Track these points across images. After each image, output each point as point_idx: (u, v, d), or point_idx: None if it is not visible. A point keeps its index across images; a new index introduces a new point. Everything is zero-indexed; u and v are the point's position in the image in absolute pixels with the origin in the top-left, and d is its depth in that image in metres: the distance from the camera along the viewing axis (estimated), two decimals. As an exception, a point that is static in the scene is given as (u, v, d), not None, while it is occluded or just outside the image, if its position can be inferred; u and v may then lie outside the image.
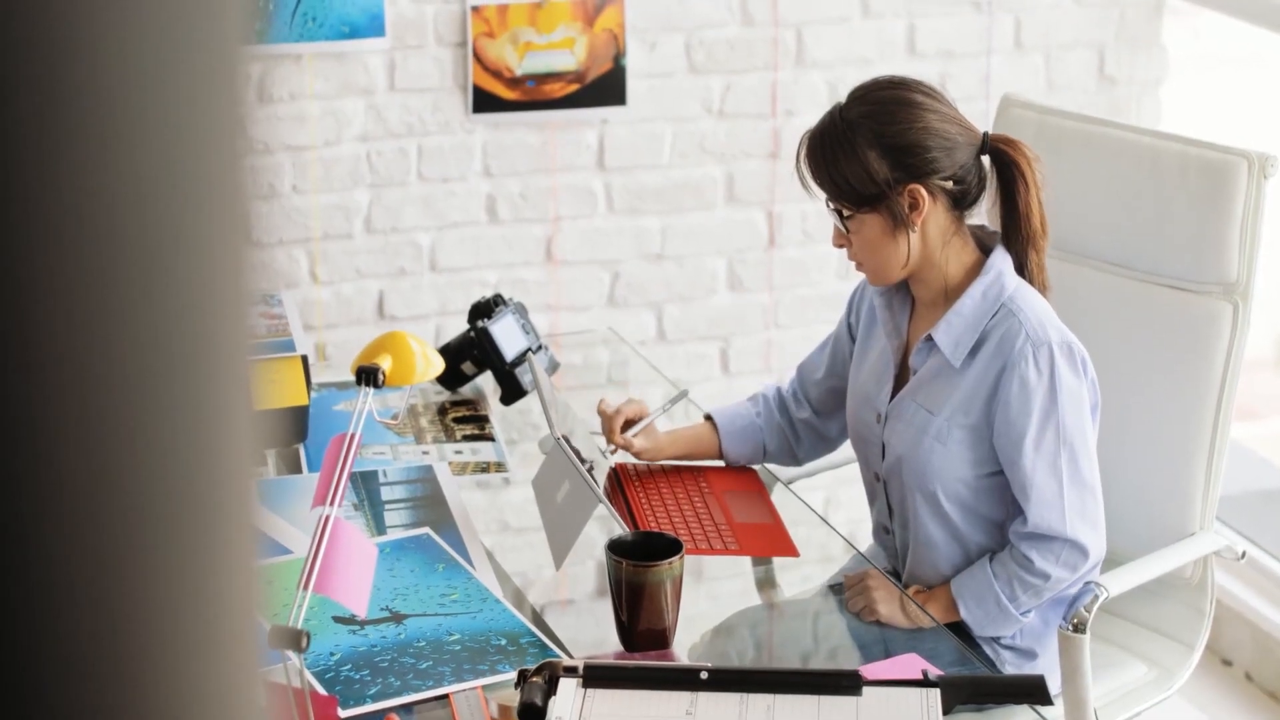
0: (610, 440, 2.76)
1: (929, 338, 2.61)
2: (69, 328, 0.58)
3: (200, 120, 0.59)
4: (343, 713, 2.15)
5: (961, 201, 2.59)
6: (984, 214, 2.67)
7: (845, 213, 2.58)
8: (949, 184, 2.56)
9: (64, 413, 0.58)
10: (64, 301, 0.57)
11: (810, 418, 2.89)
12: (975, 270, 2.62)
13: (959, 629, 2.61)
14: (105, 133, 0.58)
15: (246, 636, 0.64)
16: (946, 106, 2.60)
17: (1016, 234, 2.62)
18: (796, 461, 2.94)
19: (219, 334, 0.61)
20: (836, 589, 2.68)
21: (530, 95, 3.87)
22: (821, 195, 2.60)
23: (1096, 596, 2.62)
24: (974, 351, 2.59)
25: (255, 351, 0.63)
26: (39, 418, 0.58)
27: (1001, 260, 2.60)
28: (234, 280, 0.60)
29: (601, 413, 2.80)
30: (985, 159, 2.61)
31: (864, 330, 2.79)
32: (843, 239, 2.62)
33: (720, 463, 2.88)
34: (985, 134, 2.61)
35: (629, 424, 2.78)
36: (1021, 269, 2.63)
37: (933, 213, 2.57)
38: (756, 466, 2.90)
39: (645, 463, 2.83)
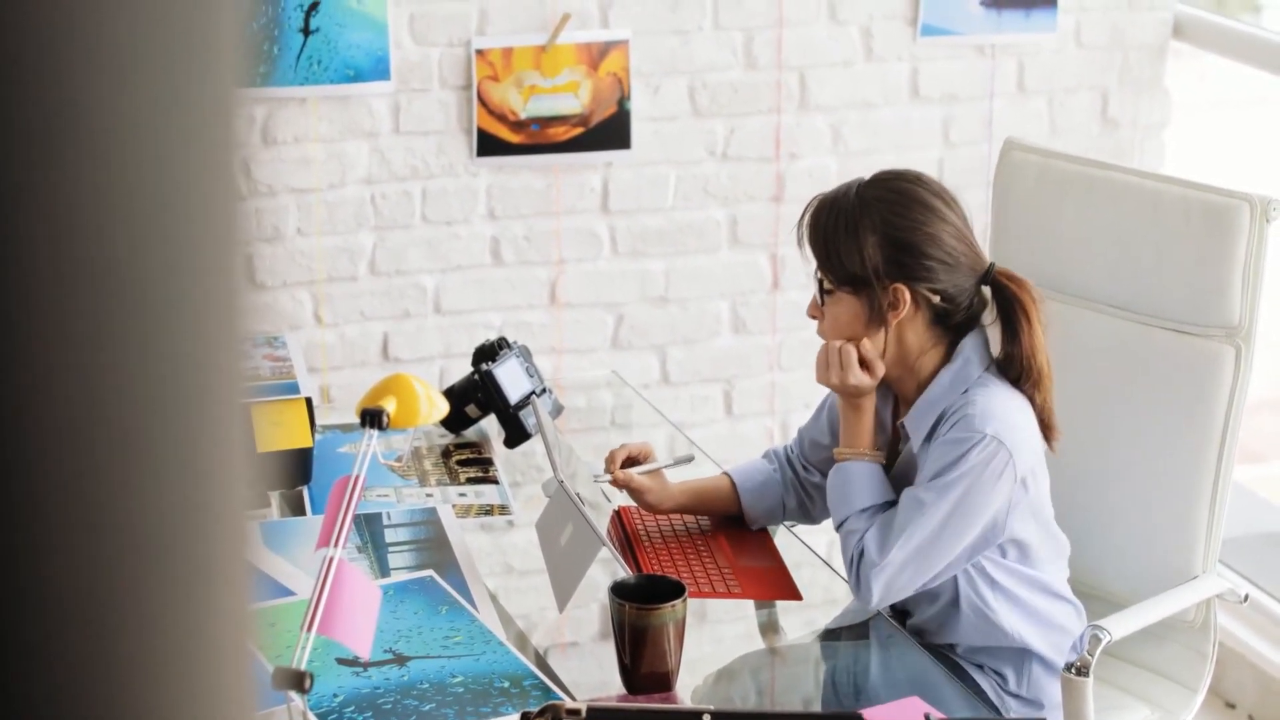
0: (609, 470, 2.73)
1: (903, 425, 2.61)
2: (64, 367, 0.58)
3: (195, 163, 0.60)
4: (345, 755, 2.15)
5: (945, 320, 2.56)
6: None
7: (826, 285, 2.58)
8: (935, 298, 2.54)
9: (59, 452, 0.58)
10: (59, 340, 0.58)
11: (820, 481, 2.86)
12: (946, 359, 2.59)
13: (962, 674, 2.61)
14: (99, 175, 0.58)
15: (242, 677, 0.64)
16: (962, 223, 2.57)
17: (1016, 370, 2.56)
18: (813, 520, 2.89)
19: (214, 375, 0.61)
20: (839, 633, 2.67)
21: (534, 138, 3.88)
22: (811, 261, 2.60)
23: (1099, 639, 2.62)
24: (930, 435, 2.56)
25: (251, 393, 0.63)
26: (33, 457, 0.58)
27: (971, 348, 2.56)
28: (229, 321, 0.61)
29: (609, 453, 2.79)
30: (986, 290, 2.58)
31: None
32: (816, 310, 2.61)
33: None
34: (991, 265, 2.59)
35: (631, 462, 2.77)
36: (1018, 380, 2.56)
37: (912, 321, 2.54)
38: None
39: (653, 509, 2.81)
